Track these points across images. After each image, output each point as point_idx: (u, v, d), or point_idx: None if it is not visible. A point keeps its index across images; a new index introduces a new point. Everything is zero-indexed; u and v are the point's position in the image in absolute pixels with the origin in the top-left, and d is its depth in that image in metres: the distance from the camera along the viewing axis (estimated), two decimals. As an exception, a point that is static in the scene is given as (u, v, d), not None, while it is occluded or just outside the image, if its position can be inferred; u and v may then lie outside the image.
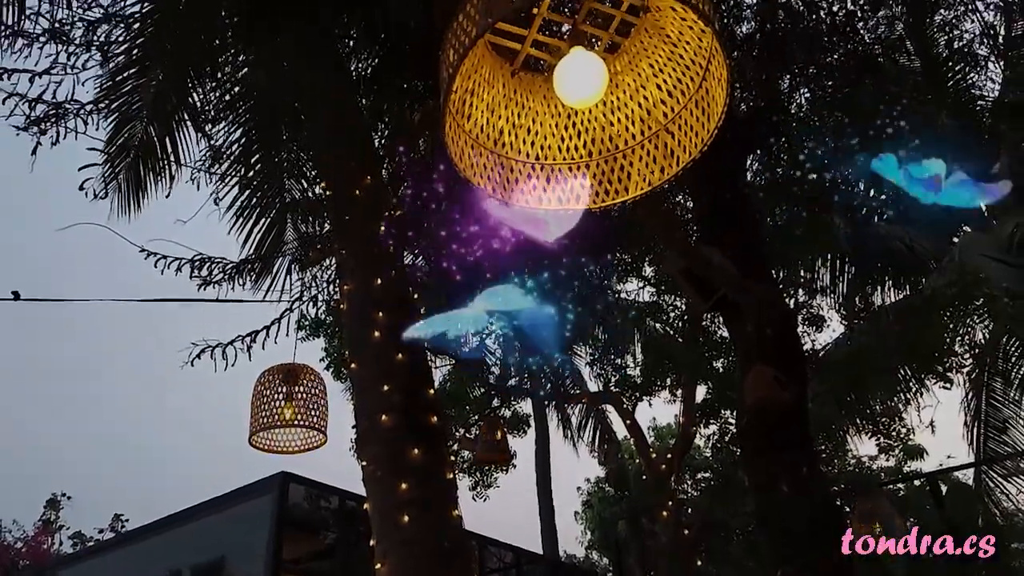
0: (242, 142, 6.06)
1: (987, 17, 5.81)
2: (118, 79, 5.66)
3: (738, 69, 6.06)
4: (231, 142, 6.04)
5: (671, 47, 2.65)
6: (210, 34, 4.64)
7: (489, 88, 2.74)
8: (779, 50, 5.43)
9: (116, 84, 5.84)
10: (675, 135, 2.69)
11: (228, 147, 5.94)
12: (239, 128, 6.02)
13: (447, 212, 4.86)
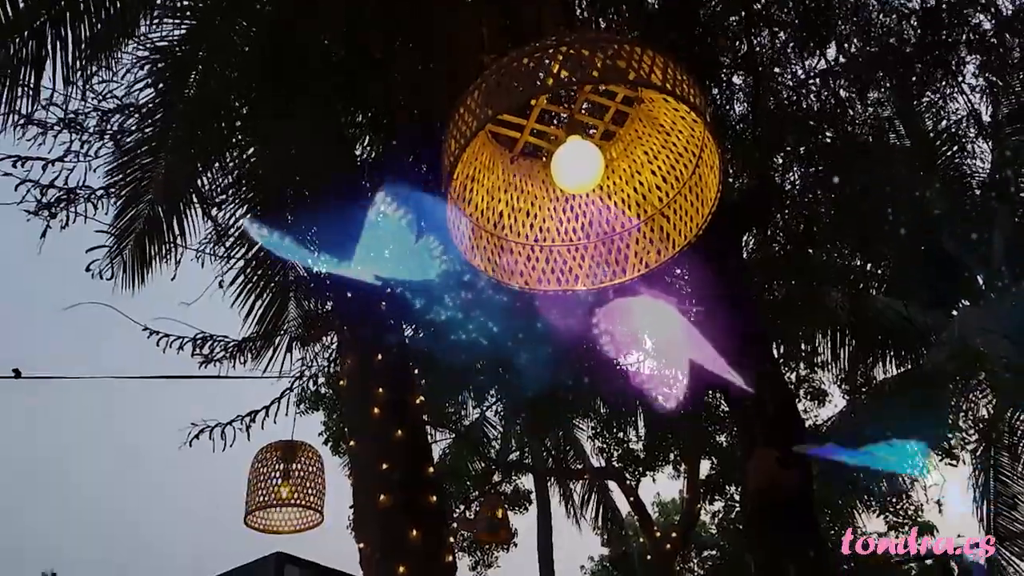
0: (247, 218, 6.19)
1: (973, 99, 6.03)
2: (126, 159, 5.84)
3: (732, 147, 6.25)
4: (235, 218, 6.18)
5: (665, 135, 2.74)
6: (219, 120, 4.81)
7: (489, 174, 2.83)
8: (771, 131, 5.61)
9: (125, 164, 6.02)
10: (670, 219, 2.77)
11: (232, 224, 6.07)
12: (243, 205, 6.16)
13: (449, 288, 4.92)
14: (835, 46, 5.78)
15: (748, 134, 5.89)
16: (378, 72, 4.33)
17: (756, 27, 5.83)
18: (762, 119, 5.68)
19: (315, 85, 4.11)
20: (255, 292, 6.28)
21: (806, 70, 5.77)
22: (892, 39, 5.84)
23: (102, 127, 4.97)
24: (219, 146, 4.92)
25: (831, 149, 5.93)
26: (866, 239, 7.17)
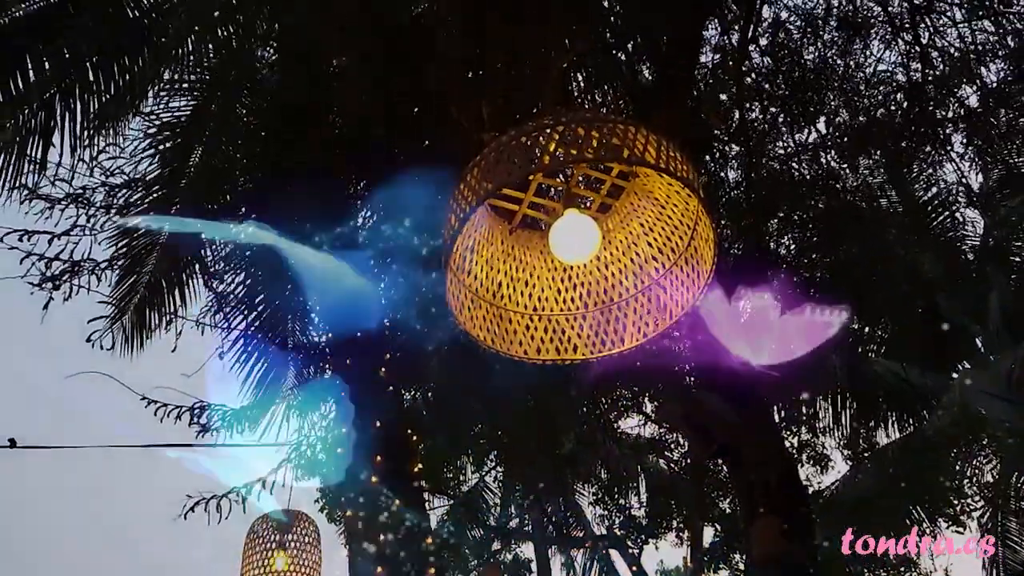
0: (247, 283, 6.24)
1: (962, 167, 6.17)
2: (130, 227, 5.93)
3: (726, 212, 6.35)
4: (236, 284, 6.23)
5: (659, 208, 2.80)
6: (222, 194, 4.91)
7: (488, 245, 2.88)
8: (765, 198, 5.72)
9: (128, 231, 6.10)
10: (667, 289, 2.80)
11: (233, 290, 6.11)
12: (244, 271, 6.22)
13: (448, 354, 4.93)
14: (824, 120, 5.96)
15: (742, 200, 6.01)
16: (381, 149, 4.45)
17: (748, 101, 6.01)
18: (755, 187, 5.80)
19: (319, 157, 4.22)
20: (253, 357, 6.29)
21: (797, 142, 5.93)
22: (880, 112, 6.02)
23: (108, 201, 5.08)
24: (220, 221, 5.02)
25: (824, 215, 6.03)
26: (862, 302, 7.22)
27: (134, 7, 6.35)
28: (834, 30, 6.09)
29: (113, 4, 5.93)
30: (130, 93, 6.60)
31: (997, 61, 5.79)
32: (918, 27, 5.91)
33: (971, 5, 5.76)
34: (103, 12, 5.87)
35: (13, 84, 6.00)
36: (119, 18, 6.24)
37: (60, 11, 5.82)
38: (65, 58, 6.07)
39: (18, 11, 5.98)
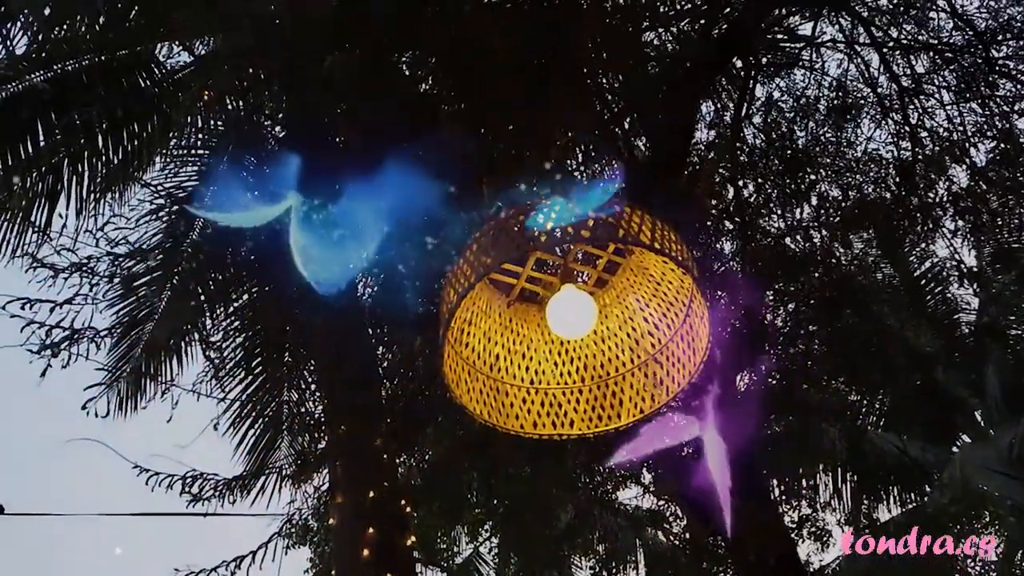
0: (245, 346, 6.23)
1: (955, 242, 6.26)
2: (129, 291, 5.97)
3: (721, 283, 6.41)
4: (234, 347, 6.23)
5: (655, 285, 2.83)
6: (223, 269, 4.97)
7: (486, 317, 2.90)
8: (759, 271, 5.78)
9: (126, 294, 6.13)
10: (663, 365, 2.81)
11: (230, 354, 6.10)
12: (242, 335, 6.22)
13: (443, 424, 4.89)
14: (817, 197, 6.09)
15: (738, 272, 6.08)
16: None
17: (742, 177, 6.15)
18: (749, 261, 5.87)
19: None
20: (247, 422, 6.23)
21: (790, 219, 6.04)
22: (871, 190, 6.15)
23: (112, 271, 5.14)
24: (221, 290, 5.06)
25: (819, 288, 6.09)
26: (860, 375, 7.20)
27: (146, 78, 6.53)
28: (825, 112, 6.28)
29: (126, 75, 6.10)
30: (137, 159, 6.73)
31: (985, 142, 5.96)
32: (907, 108, 6.11)
33: (958, 88, 5.98)
34: (116, 83, 6.02)
35: (23, 148, 6.12)
36: (132, 88, 6.41)
37: (75, 81, 5.97)
38: (76, 124, 6.21)
39: (34, 78, 6.15)
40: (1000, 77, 5.80)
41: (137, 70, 6.40)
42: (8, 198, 6.01)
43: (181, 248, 5.28)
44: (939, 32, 6.05)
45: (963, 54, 5.93)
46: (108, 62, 6.03)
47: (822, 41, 6.26)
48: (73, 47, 5.85)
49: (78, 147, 6.27)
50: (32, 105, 5.18)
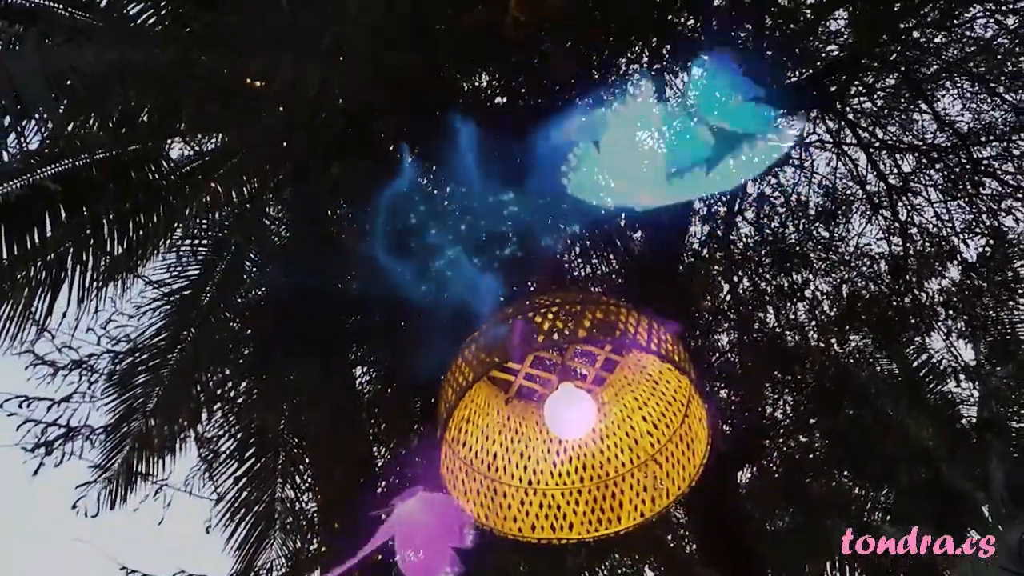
0: (239, 436, 6.14)
1: (951, 337, 6.29)
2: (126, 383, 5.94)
3: (721, 377, 6.40)
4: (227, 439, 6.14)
5: (653, 384, 2.83)
6: (222, 365, 4.99)
7: (484, 415, 2.88)
8: (757, 364, 5.78)
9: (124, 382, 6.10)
10: (663, 466, 2.78)
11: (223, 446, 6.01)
12: (236, 426, 6.15)
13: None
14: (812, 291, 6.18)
15: (736, 364, 6.08)
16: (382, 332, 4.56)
17: (736, 271, 6.24)
18: (746, 355, 5.89)
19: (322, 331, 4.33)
20: (239, 515, 6.07)
21: (785, 315, 6.10)
22: (865, 284, 6.24)
23: (112, 368, 5.16)
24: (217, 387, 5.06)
25: (817, 380, 6.08)
26: (861, 468, 7.11)
27: (155, 171, 6.69)
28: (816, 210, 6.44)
29: (136, 169, 6.25)
30: (141, 250, 6.82)
31: (975, 239, 6.08)
32: (896, 205, 6.26)
33: (944, 187, 6.15)
34: (125, 178, 6.16)
35: (30, 239, 6.20)
36: (140, 182, 6.55)
37: (85, 175, 6.12)
38: (83, 216, 6.32)
39: (44, 172, 6.30)
40: (985, 176, 5.98)
41: (147, 164, 6.56)
42: (10, 288, 6.06)
43: (178, 343, 5.29)
44: (923, 133, 6.28)
45: (948, 154, 6.14)
46: (119, 157, 6.19)
47: (810, 141, 6.49)
48: (85, 143, 6.03)
49: (84, 238, 6.37)
50: (41, 200, 5.28)
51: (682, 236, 5.90)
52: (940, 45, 5.74)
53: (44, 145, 5.90)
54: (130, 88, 4.40)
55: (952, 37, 5.64)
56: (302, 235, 4.11)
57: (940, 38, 5.70)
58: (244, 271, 6.40)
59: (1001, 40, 5.56)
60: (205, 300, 5.97)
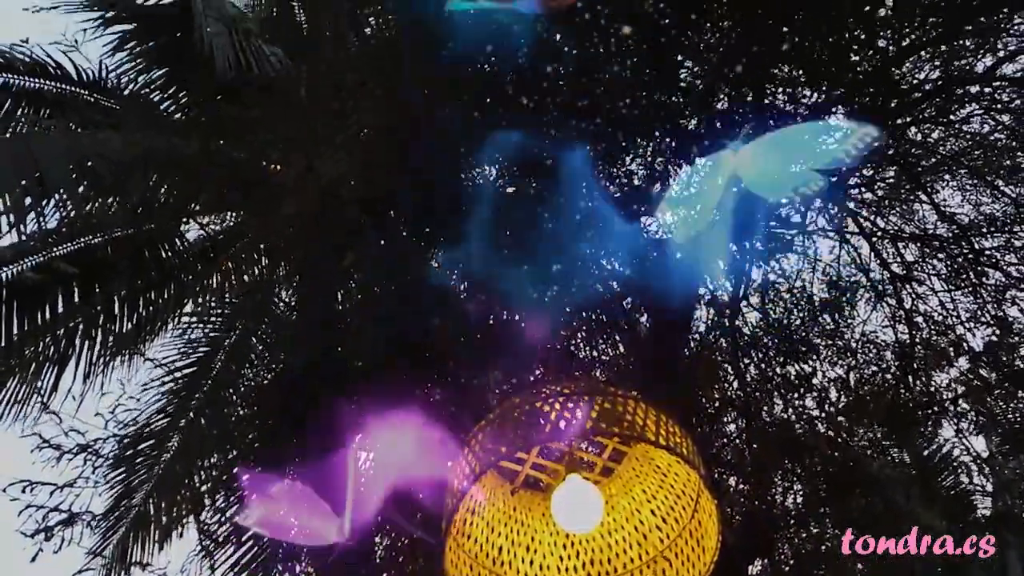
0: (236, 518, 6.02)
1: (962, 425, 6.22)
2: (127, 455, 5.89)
3: (730, 465, 6.30)
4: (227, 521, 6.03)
5: (662, 476, 2.80)
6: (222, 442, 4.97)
7: (489, 506, 2.83)
8: (766, 455, 5.72)
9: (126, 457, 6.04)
10: (672, 563, 2.72)
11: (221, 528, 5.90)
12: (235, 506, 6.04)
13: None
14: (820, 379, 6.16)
15: (744, 453, 6.01)
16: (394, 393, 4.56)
17: (742, 359, 6.24)
18: (755, 443, 5.82)
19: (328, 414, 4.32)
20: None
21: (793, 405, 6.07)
22: (872, 371, 6.23)
23: (117, 452, 5.15)
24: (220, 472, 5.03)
25: (827, 469, 5.98)
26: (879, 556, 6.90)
27: (168, 249, 6.81)
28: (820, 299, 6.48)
29: (150, 248, 6.37)
30: (150, 325, 6.87)
31: (980, 328, 6.09)
32: (900, 293, 6.30)
33: (948, 277, 6.19)
34: (139, 256, 6.28)
35: (40, 314, 6.26)
36: (153, 259, 6.66)
37: (100, 253, 6.23)
38: (95, 292, 6.39)
39: (60, 251, 6.42)
40: (987, 267, 6.03)
41: (162, 244, 6.69)
42: (18, 364, 6.08)
43: (181, 424, 5.28)
44: (924, 223, 6.38)
45: (950, 244, 6.22)
46: (134, 236, 6.32)
47: (813, 230, 6.58)
48: (103, 223, 6.17)
49: (94, 314, 6.42)
50: (55, 280, 5.37)
51: (688, 320, 5.92)
52: (937, 140, 5.90)
53: (62, 224, 6.04)
54: (152, 173, 4.53)
55: (949, 132, 5.79)
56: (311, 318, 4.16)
57: (938, 133, 5.87)
58: (251, 350, 6.43)
59: (998, 135, 5.71)
60: (209, 380, 5.98)
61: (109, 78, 6.07)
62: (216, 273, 6.99)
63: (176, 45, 5.79)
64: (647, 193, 5.11)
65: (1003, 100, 5.41)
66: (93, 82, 6.05)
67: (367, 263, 3.95)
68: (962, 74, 5.25)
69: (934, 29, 4.77)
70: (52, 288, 5.58)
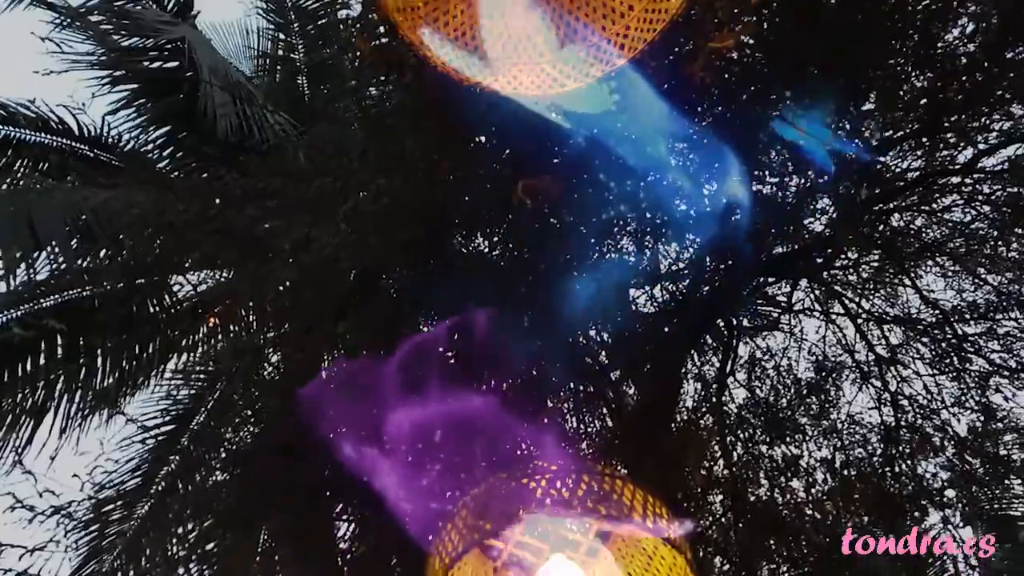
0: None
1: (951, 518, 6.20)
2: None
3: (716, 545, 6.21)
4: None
5: (647, 558, 2.76)
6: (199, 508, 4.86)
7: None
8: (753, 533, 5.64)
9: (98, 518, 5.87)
10: (657, 649, 2.66)
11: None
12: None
13: None
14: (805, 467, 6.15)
15: (731, 533, 5.92)
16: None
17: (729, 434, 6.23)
18: (741, 524, 5.75)
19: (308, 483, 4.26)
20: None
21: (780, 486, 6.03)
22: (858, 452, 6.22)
23: (93, 516, 5.02)
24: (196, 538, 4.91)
25: (815, 553, 5.89)
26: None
27: (155, 304, 6.77)
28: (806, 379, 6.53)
29: (138, 303, 6.33)
30: (132, 380, 6.77)
31: (965, 413, 6.11)
32: (885, 376, 6.35)
33: (932, 361, 6.26)
34: (126, 310, 6.23)
35: (21, 367, 6.17)
36: (140, 313, 6.62)
37: (87, 306, 6.19)
38: (79, 345, 6.32)
39: (46, 302, 6.37)
40: (971, 354, 6.11)
41: (149, 297, 6.66)
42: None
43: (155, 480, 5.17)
44: (908, 306, 6.48)
45: (933, 329, 6.30)
46: (123, 289, 6.29)
47: (799, 309, 6.67)
48: (92, 276, 6.14)
49: (76, 367, 6.33)
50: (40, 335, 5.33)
51: (675, 394, 5.92)
52: (921, 227, 6.04)
53: (52, 276, 6.02)
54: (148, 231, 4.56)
55: (932, 220, 5.95)
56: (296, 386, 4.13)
57: (920, 220, 6.02)
58: (234, 409, 6.34)
59: (979, 224, 5.87)
60: (188, 440, 5.88)
61: (111, 135, 6.17)
62: (203, 328, 6.95)
63: (179, 106, 5.90)
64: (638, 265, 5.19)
65: (984, 191, 5.59)
66: (95, 138, 6.14)
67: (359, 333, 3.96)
68: (943, 165, 5.43)
69: (916, 123, 4.97)
70: (36, 342, 5.52)
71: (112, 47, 5.43)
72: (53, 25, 5.77)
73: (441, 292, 3.98)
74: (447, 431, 3.60)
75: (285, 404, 4.27)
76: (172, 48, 5.59)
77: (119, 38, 5.50)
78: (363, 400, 3.88)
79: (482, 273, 4.10)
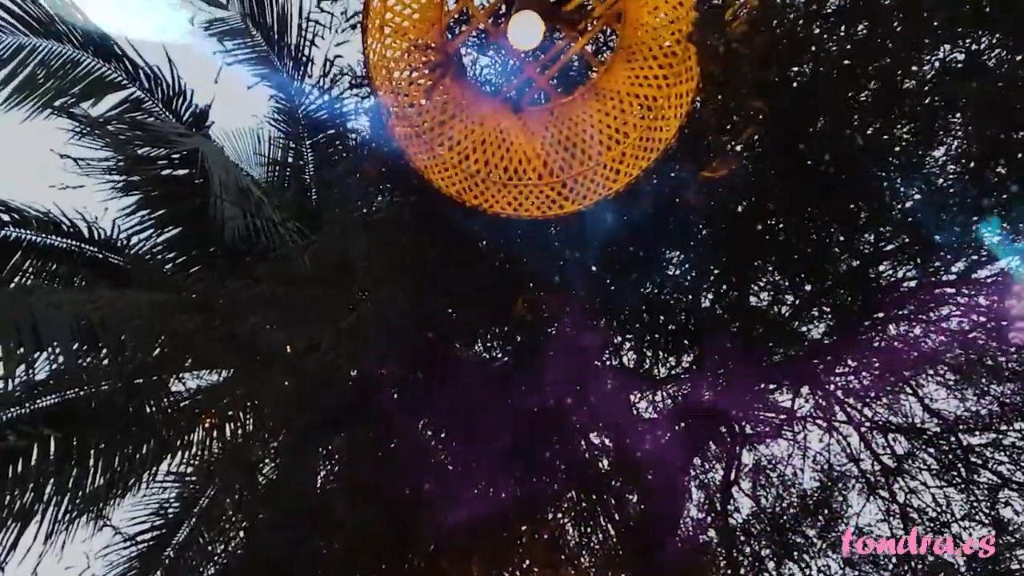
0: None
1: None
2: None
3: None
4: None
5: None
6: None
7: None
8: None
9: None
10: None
11: None
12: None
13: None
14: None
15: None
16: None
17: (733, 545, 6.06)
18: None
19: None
20: None
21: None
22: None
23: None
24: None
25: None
26: None
27: (153, 405, 6.71)
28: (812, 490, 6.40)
29: (135, 404, 6.27)
30: (123, 482, 6.62)
31: (975, 527, 5.93)
32: (892, 487, 6.21)
33: (939, 472, 6.13)
34: (123, 409, 6.18)
35: (12, 468, 6.05)
36: (136, 413, 6.55)
37: (83, 405, 6.13)
38: (73, 448, 6.22)
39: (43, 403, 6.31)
40: (977, 466, 5.99)
41: (146, 397, 6.60)
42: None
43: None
44: (912, 416, 6.39)
45: (938, 439, 6.21)
46: (120, 390, 6.26)
47: (802, 416, 6.59)
48: (90, 375, 6.12)
49: (67, 468, 6.22)
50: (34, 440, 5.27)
51: (680, 505, 5.79)
52: (919, 336, 6.05)
53: (50, 376, 6.00)
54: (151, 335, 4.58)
55: (929, 329, 5.96)
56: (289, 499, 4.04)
57: (919, 329, 6.03)
58: (224, 515, 6.18)
59: (976, 334, 5.87)
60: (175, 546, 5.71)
61: (120, 237, 6.29)
62: (200, 429, 6.86)
63: (189, 210, 6.04)
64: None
65: (979, 303, 5.62)
66: (104, 240, 6.26)
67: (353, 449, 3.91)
68: (937, 276, 5.48)
69: (909, 236, 5.07)
70: (30, 447, 5.45)
71: (128, 155, 5.62)
72: (72, 132, 6.00)
73: (440, 399, 3.98)
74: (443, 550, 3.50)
75: (276, 517, 4.17)
76: (185, 156, 5.78)
77: (135, 147, 5.69)
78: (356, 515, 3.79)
79: (482, 381, 4.10)
